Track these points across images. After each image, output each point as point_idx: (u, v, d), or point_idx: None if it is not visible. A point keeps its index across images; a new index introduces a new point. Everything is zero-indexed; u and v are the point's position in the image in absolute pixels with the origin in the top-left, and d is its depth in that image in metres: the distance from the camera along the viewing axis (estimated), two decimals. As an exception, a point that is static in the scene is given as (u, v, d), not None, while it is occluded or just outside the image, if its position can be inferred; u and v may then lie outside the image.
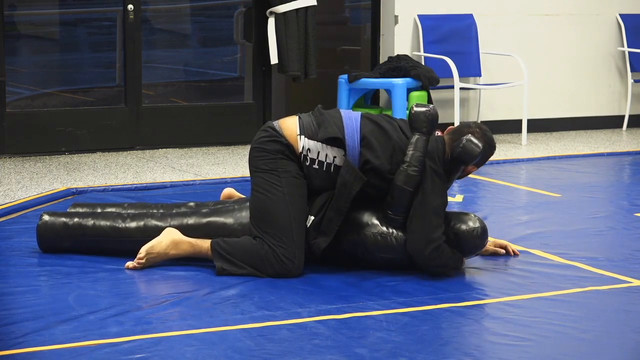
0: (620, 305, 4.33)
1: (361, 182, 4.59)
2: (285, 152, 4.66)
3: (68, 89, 8.78)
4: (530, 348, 3.80)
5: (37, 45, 8.81)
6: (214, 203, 5.02)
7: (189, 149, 8.25)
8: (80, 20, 9.02)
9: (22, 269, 4.73)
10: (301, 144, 4.68)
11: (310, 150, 4.68)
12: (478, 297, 4.44)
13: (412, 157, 4.64)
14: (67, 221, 4.94)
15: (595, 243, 5.37)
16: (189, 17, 9.43)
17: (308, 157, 4.67)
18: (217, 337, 3.85)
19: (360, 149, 4.66)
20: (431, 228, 4.58)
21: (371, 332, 3.94)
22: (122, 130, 8.14)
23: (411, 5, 8.83)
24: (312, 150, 4.68)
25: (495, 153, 4.88)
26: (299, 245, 4.62)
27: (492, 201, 6.54)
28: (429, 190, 4.60)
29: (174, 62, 9.31)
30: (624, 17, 9.60)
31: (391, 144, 4.68)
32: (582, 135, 9.35)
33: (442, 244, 4.60)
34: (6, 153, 7.77)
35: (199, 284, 4.52)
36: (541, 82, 9.34)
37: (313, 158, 4.68)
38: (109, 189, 6.48)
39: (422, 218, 4.59)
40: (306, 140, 4.68)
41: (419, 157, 4.63)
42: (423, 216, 4.59)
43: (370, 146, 4.66)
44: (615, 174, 7.74)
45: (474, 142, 4.67)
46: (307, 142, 4.68)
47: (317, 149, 4.67)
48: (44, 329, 3.89)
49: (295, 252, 4.61)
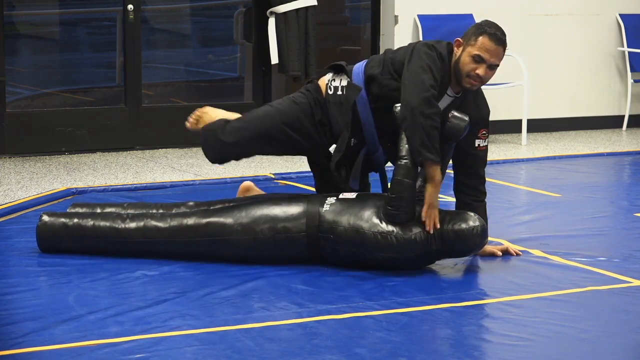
0: (620, 305, 4.33)
1: (357, 92, 4.91)
2: (310, 89, 5.12)
3: (68, 89, 8.78)
4: (530, 348, 3.80)
5: (37, 45, 8.81)
6: (214, 203, 5.02)
7: (189, 149, 8.25)
8: (80, 20, 9.02)
9: (22, 269, 4.73)
10: (326, 78, 5.09)
11: (330, 81, 5.05)
12: (478, 297, 4.44)
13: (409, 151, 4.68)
14: (66, 222, 4.94)
15: (595, 243, 5.37)
16: (189, 17, 9.43)
17: (331, 86, 5.03)
18: (217, 337, 3.86)
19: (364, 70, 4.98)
20: (422, 83, 4.66)
21: (371, 332, 3.94)
22: (122, 130, 8.14)
23: (411, 5, 8.83)
24: (331, 80, 5.04)
25: (495, 153, 4.88)
26: (247, 134, 5.05)
27: (492, 201, 6.52)
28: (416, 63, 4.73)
29: (174, 62, 9.31)
30: (624, 17, 9.60)
31: (387, 57, 4.96)
32: (582, 135, 9.35)
33: (433, 101, 4.65)
34: (6, 153, 7.77)
35: (199, 284, 4.52)
36: (541, 82, 9.34)
37: (331, 86, 5.03)
38: (108, 189, 6.48)
39: (413, 75, 4.70)
40: (329, 75, 5.08)
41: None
42: (413, 75, 4.70)
43: (370, 66, 4.98)
44: (615, 174, 7.74)
45: (458, 117, 4.73)
46: (329, 76, 5.08)
47: (333, 79, 5.05)
48: (44, 329, 3.90)
49: (237, 132, 5.09)
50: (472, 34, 4.85)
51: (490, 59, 4.83)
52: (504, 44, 4.86)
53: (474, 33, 4.85)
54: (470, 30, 4.87)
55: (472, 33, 4.85)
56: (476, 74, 4.82)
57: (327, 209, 4.78)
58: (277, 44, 8.21)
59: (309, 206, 4.82)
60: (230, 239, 4.82)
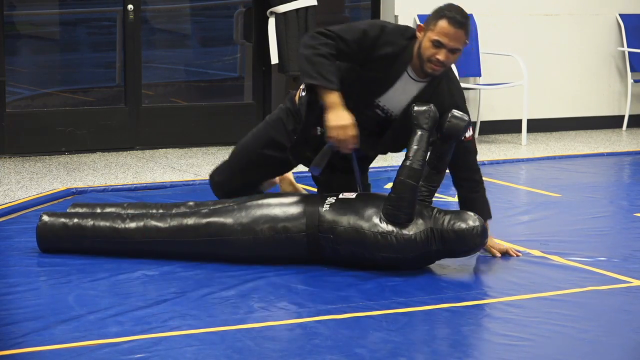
0: (620, 305, 4.33)
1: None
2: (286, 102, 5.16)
3: (68, 89, 8.78)
4: (530, 348, 3.80)
5: (37, 45, 8.81)
6: (214, 203, 5.02)
7: (189, 149, 8.25)
8: (80, 20, 9.02)
9: (22, 269, 4.73)
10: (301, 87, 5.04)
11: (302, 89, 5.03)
12: (478, 297, 4.44)
13: (416, 153, 4.67)
14: (66, 222, 4.94)
15: (595, 243, 5.37)
16: (189, 17, 9.43)
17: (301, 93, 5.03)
18: (217, 337, 3.85)
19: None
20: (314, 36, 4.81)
21: (371, 332, 3.94)
22: (122, 130, 8.13)
23: (411, 5, 8.83)
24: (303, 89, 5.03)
25: (495, 153, 4.89)
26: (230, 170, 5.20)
27: (492, 201, 6.51)
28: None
29: (174, 62, 9.31)
30: (624, 17, 9.60)
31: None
32: (582, 135, 9.35)
33: (320, 37, 4.77)
34: (6, 153, 7.77)
35: (199, 284, 4.52)
36: (541, 82, 9.34)
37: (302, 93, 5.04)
38: (108, 189, 6.48)
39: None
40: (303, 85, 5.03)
41: (422, 153, 4.67)
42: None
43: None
44: (615, 174, 7.74)
45: (458, 117, 4.73)
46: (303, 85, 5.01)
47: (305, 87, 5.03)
48: (44, 329, 3.89)
49: (223, 171, 5.23)
50: (432, 18, 4.77)
51: (450, 43, 4.73)
52: (464, 26, 4.74)
53: (433, 17, 4.77)
54: (431, 15, 4.81)
55: (432, 17, 4.78)
56: (436, 59, 4.75)
57: (327, 209, 4.78)
58: (277, 44, 8.21)
59: (308, 206, 4.81)
60: (230, 239, 4.82)
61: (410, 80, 4.87)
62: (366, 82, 4.87)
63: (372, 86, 4.88)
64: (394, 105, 4.91)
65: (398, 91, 4.88)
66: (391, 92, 4.88)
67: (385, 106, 4.91)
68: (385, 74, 4.84)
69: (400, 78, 4.85)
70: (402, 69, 4.84)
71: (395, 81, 4.85)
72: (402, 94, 4.88)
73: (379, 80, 4.86)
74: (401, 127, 4.88)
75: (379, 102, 4.91)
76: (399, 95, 4.89)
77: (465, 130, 4.79)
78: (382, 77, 4.85)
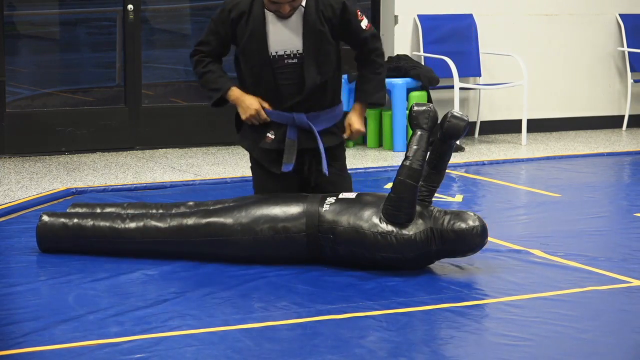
0: (620, 305, 4.33)
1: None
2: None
3: (68, 89, 8.77)
4: (530, 348, 3.80)
5: (37, 45, 8.81)
6: (214, 203, 5.02)
7: (189, 149, 8.25)
8: (80, 20, 9.01)
9: (22, 269, 4.73)
10: None
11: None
12: (478, 297, 4.44)
13: (415, 153, 4.67)
14: (66, 222, 4.94)
15: (595, 243, 5.37)
16: (189, 17, 9.42)
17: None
18: (217, 337, 3.86)
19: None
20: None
21: (371, 332, 3.94)
22: (122, 130, 8.14)
23: (411, 5, 8.83)
24: None
25: (495, 153, 4.90)
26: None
27: (492, 201, 6.55)
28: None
29: (174, 62, 9.31)
30: (623, 17, 9.60)
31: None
32: (582, 135, 9.35)
33: (192, 59, 5.17)
34: (6, 153, 7.77)
35: (199, 284, 4.52)
36: (541, 82, 9.34)
37: None
38: (108, 189, 6.48)
39: None
40: None
41: (422, 153, 4.67)
42: None
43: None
44: (615, 174, 7.74)
45: (458, 117, 4.74)
46: None
47: None
48: (44, 329, 3.90)
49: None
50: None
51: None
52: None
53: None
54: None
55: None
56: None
57: (327, 209, 4.78)
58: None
59: (308, 206, 4.82)
60: (230, 239, 4.82)
61: (281, 20, 4.98)
62: (250, 49, 5.01)
63: (254, 45, 4.99)
64: (288, 45, 5.00)
65: (278, 33, 4.99)
66: (272, 37, 4.99)
67: (284, 52, 5.00)
68: (252, 28, 4.97)
69: (267, 23, 4.98)
70: (262, 15, 4.96)
71: (265, 27, 4.97)
72: (285, 33, 4.99)
73: (253, 37, 4.98)
74: (315, 55, 4.99)
75: (275, 53, 5.00)
76: (284, 35, 4.99)
77: (465, 131, 4.79)
78: (253, 32, 4.98)
